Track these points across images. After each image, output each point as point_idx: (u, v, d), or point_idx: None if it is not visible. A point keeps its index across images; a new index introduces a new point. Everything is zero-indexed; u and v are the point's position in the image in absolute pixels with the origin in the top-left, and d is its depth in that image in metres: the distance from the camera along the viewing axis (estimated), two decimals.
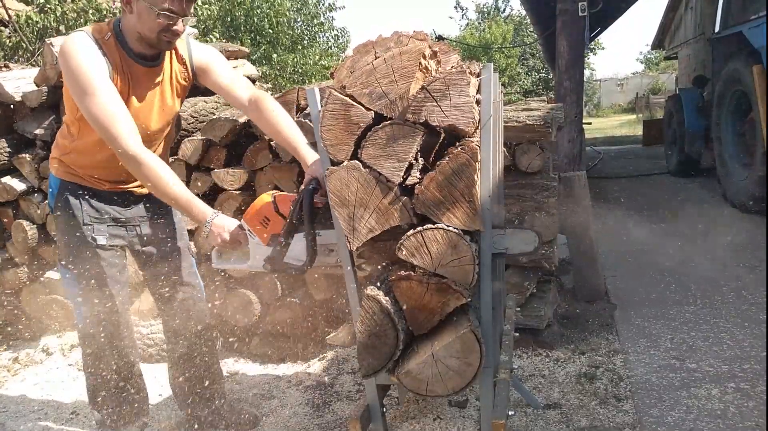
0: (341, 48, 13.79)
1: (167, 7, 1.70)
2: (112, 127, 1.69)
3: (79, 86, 1.69)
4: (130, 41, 1.80)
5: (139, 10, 1.72)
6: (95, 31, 1.79)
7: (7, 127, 3.39)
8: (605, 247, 4.31)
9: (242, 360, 3.03)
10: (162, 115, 1.97)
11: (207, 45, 2.08)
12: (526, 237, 1.60)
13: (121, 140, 1.70)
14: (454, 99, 1.35)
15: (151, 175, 1.73)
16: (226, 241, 1.78)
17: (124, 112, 1.73)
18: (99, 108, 1.69)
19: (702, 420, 2.11)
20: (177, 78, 1.97)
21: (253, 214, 1.77)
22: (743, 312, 3.01)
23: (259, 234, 1.76)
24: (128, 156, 1.71)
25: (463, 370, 1.46)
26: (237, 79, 2.02)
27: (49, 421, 2.59)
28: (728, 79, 5.28)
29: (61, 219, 2.00)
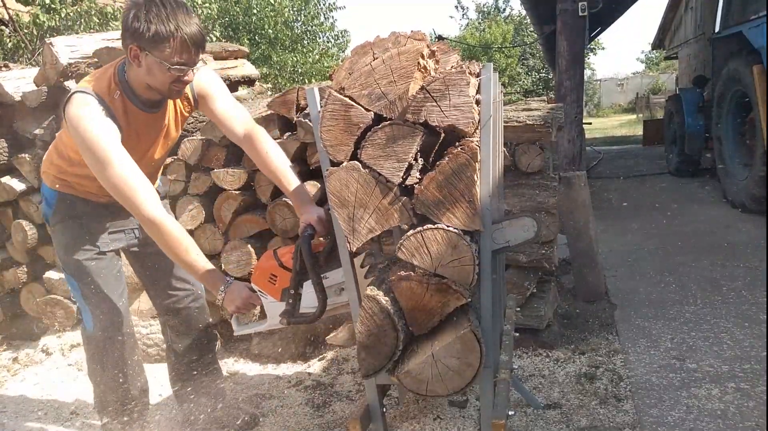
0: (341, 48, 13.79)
1: (178, 61, 1.67)
2: (132, 197, 1.70)
3: (94, 158, 1.69)
4: (136, 90, 1.79)
5: (148, 64, 1.69)
6: (102, 92, 1.76)
7: (6, 127, 3.39)
8: (605, 247, 4.32)
9: (242, 360, 3.03)
10: (165, 147, 2.01)
11: (209, 71, 2.02)
12: (524, 224, 1.57)
13: (141, 209, 1.70)
14: (453, 99, 1.35)
15: (171, 243, 1.74)
16: (240, 307, 1.81)
17: (141, 178, 1.73)
18: (117, 179, 1.69)
19: (702, 420, 2.11)
20: (181, 111, 1.98)
21: (259, 274, 1.79)
22: (743, 312, 3.01)
23: (270, 292, 1.78)
24: (149, 223, 1.72)
25: (463, 370, 1.46)
26: (235, 112, 1.97)
27: (49, 421, 2.59)
28: (728, 79, 5.28)
29: (59, 230, 2.01)
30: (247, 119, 1.98)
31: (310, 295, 1.71)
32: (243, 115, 1.99)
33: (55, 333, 3.39)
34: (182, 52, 1.66)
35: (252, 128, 1.95)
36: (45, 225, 3.28)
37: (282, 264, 1.76)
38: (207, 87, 1.95)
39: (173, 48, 1.65)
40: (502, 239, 1.57)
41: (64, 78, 3.17)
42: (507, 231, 1.57)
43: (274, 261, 1.77)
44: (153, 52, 1.65)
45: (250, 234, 3.08)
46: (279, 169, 1.90)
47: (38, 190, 3.38)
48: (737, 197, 5.13)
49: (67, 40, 3.39)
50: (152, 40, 1.63)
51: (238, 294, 1.80)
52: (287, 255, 1.76)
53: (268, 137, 1.95)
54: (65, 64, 3.14)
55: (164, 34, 1.62)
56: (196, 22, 1.68)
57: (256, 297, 1.81)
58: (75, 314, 3.35)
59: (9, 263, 3.51)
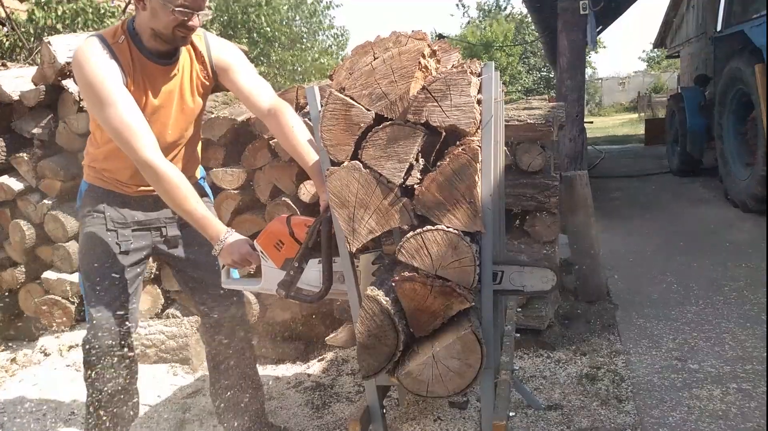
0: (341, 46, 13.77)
1: (181, 3, 1.65)
2: (130, 137, 1.67)
3: (95, 97, 1.67)
4: (144, 39, 1.76)
5: (152, 6, 1.67)
6: (108, 35, 1.74)
7: (4, 126, 3.38)
8: (607, 247, 4.30)
9: None
10: (182, 115, 1.92)
11: (228, 43, 1.97)
12: (543, 276, 1.56)
13: (138, 150, 1.67)
14: (455, 99, 1.34)
15: (168, 187, 1.70)
16: (236, 261, 1.76)
17: (141, 121, 1.70)
18: (115, 119, 1.66)
19: (704, 420, 2.10)
20: (198, 76, 1.91)
21: (266, 236, 1.75)
22: (745, 313, 3.00)
23: (273, 257, 1.74)
24: (146, 166, 1.68)
25: (464, 371, 1.45)
26: (259, 85, 1.93)
27: (47, 422, 2.58)
28: (730, 78, 5.26)
29: (85, 223, 1.98)
30: (272, 93, 1.94)
31: (311, 273, 1.67)
32: (267, 88, 1.94)
33: (53, 333, 3.38)
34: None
35: (277, 102, 1.90)
36: (43, 225, 3.30)
37: (292, 233, 1.71)
38: (227, 59, 1.90)
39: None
40: (519, 283, 1.56)
41: (62, 77, 3.16)
42: (526, 276, 1.56)
43: (286, 229, 1.72)
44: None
45: (249, 234, 3.05)
46: (302, 144, 1.85)
47: (36, 189, 3.37)
48: (739, 196, 5.12)
49: (64, 39, 3.38)
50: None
51: (237, 248, 1.75)
52: (300, 227, 1.71)
53: (293, 113, 1.90)
54: (63, 62, 3.13)
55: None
56: None
57: (255, 256, 1.76)
58: (73, 314, 3.34)
59: (7, 263, 3.50)
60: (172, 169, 1.72)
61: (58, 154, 3.31)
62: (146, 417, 2.53)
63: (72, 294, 3.30)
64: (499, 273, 1.57)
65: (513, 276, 1.56)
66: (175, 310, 3.24)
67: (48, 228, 3.30)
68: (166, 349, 3.00)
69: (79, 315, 3.37)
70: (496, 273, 1.56)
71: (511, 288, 1.58)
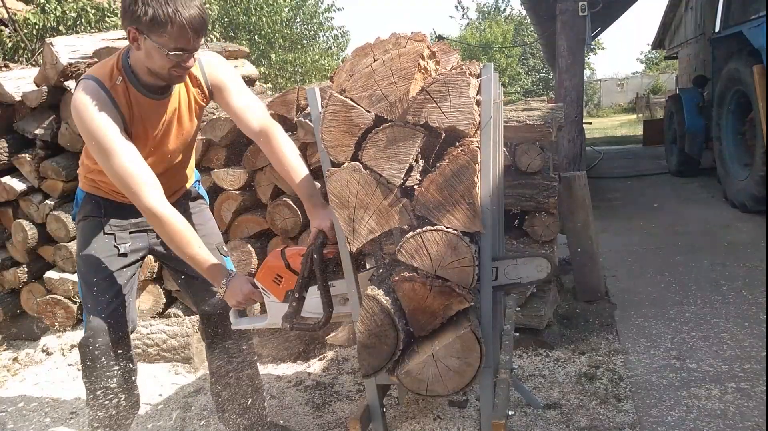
0: (341, 47, 13.78)
1: (176, 47, 1.62)
2: (134, 186, 1.69)
3: (97, 147, 1.68)
4: (140, 75, 1.76)
5: (147, 48, 1.64)
6: (105, 78, 1.73)
7: (7, 126, 3.39)
8: (605, 247, 4.32)
9: None
10: (180, 137, 1.95)
11: (221, 61, 1.96)
12: (538, 265, 1.59)
13: (142, 199, 1.69)
14: (454, 100, 1.35)
15: (172, 234, 1.73)
16: (240, 302, 1.80)
17: (144, 168, 1.71)
18: (118, 168, 1.68)
19: (702, 420, 2.11)
20: (195, 100, 1.93)
21: (264, 273, 1.78)
22: (743, 312, 3.01)
23: (274, 291, 1.77)
24: (150, 214, 1.71)
25: (463, 370, 1.46)
26: (251, 106, 1.91)
27: (49, 421, 2.59)
28: (728, 78, 5.27)
29: (80, 227, 2.00)
30: (263, 114, 1.94)
31: (314, 300, 1.70)
32: (259, 109, 1.94)
33: (55, 333, 3.39)
34: (180, 38, 1.60)
35: (268, 124, 1.90)
36: (45, 225, 3.32)
37: (289, 266, 1.75)
38: (222, 78, 1.90)
39: (171, 33, 1.59)
40: (515, 275, 1.58)
41: (64, 78, 3.18)
42: (520, 268, 1.58)
43: (281, 262, 1.76)
44: (151, 36, 1.60)
45: (250, 235, 3.08)
46: (293, 168, 1.86)
47: (38, 189, 3.38)
48: (737, 197, 5.13)
49: (67, 40, 3.40)
50: (150, 25, 1.57)
51: (240, 288, 1.78)
52: (295, 258, 1.75)
53: (284, 134, 1.91)
54: (65, 63, 3.14)
55: (162, 19, 1.56)
56: (197, 5, 1.61)
57: (258, 294, 1.79)
58: (75, 314, 3.35)
59: (9, 263, 3.52)
60: (175, 215, 1.74)
61: (61, 155, 3.33)
62: (148, 416, 2.54)
63: (74, 294, 3.31)
64: (494, 269, 1.58)
65: (508, 270, 1.58)
66: (177, 309, 3.25)
67: (50, 228, 3.32)
68: (167, 348, 3.01)
69: (80, 314, 3.38)
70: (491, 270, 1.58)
71: (507, 282, 1.60)
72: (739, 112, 5.33)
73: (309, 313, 1.74)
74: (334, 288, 1.70)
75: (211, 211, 2.30)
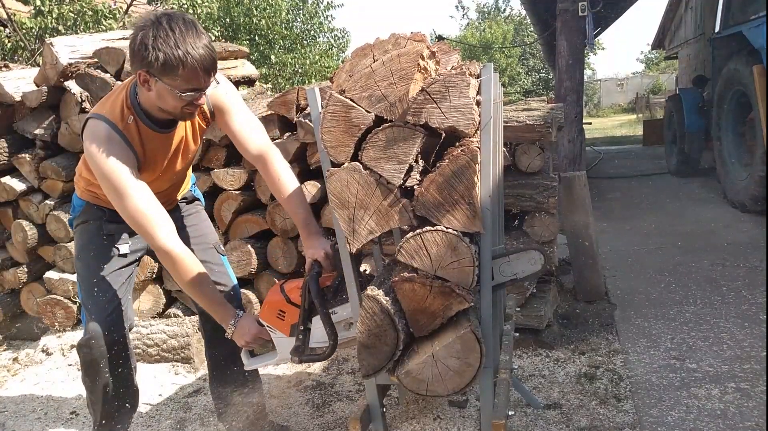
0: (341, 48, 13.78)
1: (188, 87, 1.62)
2: (147, 226, 1.71)
3: (110, 188, 1.70)
4: (149, 112, 1.77)
5: (159, 90, 1.64)
6: (116, 119, 1.73)
7: (6, 127, 3.39)
8: (605, 247, 4.32)
9: None
10: (185, 160, 1.99)
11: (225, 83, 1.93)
12: (531, 257, 1.59)
13: (156, 239, 1.71)
14: (454, 100, 1.35)
15: (183, 273, 1.75)
16: (249, 342, 1.82)
17: (157, 209, 1.73)
18: (132, 210, 1.70)
19: (702, 420, 2.11)
20: (198, 125, 1.95)
21: (267, 311, 1.81)
22: (743, 312, 3.01)
23: (279, 328, 1.79)
24: (163, 253, 1.73)
25: (463, 370, 1.46)
26: (251, 129, 1.93)
27: (49, 421, 2.59)
28: (728, 79, 5.28)
29: (78, 231, 2.02)
30: (262, 139, 1.94)
31: (320, 330, 1.72)
32: (258, 133, 1.94)
33: (55, 333, 3.40)
34: (193, 79, 1.61)
35: (266, 149, 1.92)
36: (45, 225, 3.32)
37: (289, 300, 1.77)
38: (224, 100, 1.90)
39: (183, 76, 1.59)
40: (510, 272, 1.58)
41: (64, 78, 3.18)
42: (514, 264, 1.59)
43: (282, 297, 1.78)
44: (163, 79, 1.60)
45: (250, 234, 3.09)
46: (289, 196, 1.89)
47: (38, 190, 3.38)
48: (737, 197, 5.13)
49: (67, 40, 3.40)
50: (161, 69, 1.57)
51: (248, 329, 1.81)
52: (294, 291, 1.77)
53: (282, 160, 1.92)
54: (65, 64, 3.14)
55: (173, 63, 1.56)
56: (206, 43, 1.61)
57: (265, 332, 1.82)
58: (75, 314, 3.35)
59: (9, 263, 3.52)
60: (186, 255, 1.76)
61: (61, 155, 3.33)
62: (148, 416, 2.54)
63: (74, 294, 3.31)
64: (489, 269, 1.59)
65: (503, 267, 1.58)
66: (177, 309, 3.25)
67: (50, 228, 3.32)
68: (167, 348, 3.01)
69: (80, 314, 3.38)
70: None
71: (504, 279, 1.60)
72: (739, 112, 5.33)
73: (317, 343, 1.75)
74: (336, 314, 1.72)
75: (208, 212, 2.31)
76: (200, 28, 1.63)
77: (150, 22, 1.57)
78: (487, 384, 1.59)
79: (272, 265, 3.10)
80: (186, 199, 2.19)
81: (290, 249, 3.02)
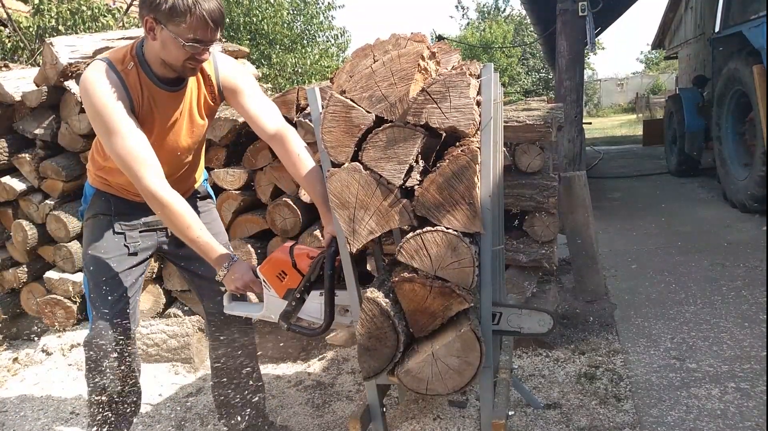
0: (341, 48, 13.78)
1: (193, 37, 1.61)
2: (135, 167, 1.68)
3: (101, 125, 1.68)
4: (153, 66, 1.75)
5: (163, 38, 1.63)
6: (117, 61, 1.73)
7: (6, 126, 3.39)
8: (605, 247, 4.32)
9: None
10: (191, 135, 1.95)
11: (237, 65, 1.95)
12: (541, 319, 1.61)
13: (143, 180, 1.69)
14: (454, 101, 1.35)
15: (172, 216, 1.73)
16: (239, 287, 1.80)
17: (147, 150, 1.71)
18: (121, 148, 1.68)
19: (702, 419, 2.11)
20: (205, 99, 1.93)
21: (269, 266, 1.78)
22: (743, 312, 3.01)
23: (275, 286, 1.77)
24: (150, 195, 1.71)
25: (463, 369, 1.46)
26: (266, 109, 1.91)
27: (49, 421, 2.59)
28: (728, 78, 5.28)
29: (88, 225, 2.00)
30: (278, 118, 1.93)
31: (312, 305, 1.71)
32: (274, 112, 1.93)
33: (55, 333, 3.39)
34: (198, 29, 1.59)
35: (283, 128, 1.90)
36: (45, 225, 3.31)
37: (295, 265, 1.74)
38: (235, 80, 1.89)
39: (189, 24, 1.58)
40: (516, 325, 1.60)
41: (64, 78, 3.17)
42: (523, 319, 1.60)
43: (289, 260, 1.75)
44: (168, 26, 1.59)
45: (250, 234, 3.08)
46: (308, 173, 1.86)
47: (38, 189, 3.38)
48: (737, 197, 5.14)
49: (67, 40, 3.39)
50: (168, 14, 1.57)
51: (240, 274, 1.79)
52: (303, 258, 1.74)
53: (299, 139, 1.90)
54: (65, 64, 3.14)
55: (181, 9, 1.55)
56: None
57: (258, 284, 1.79)
58: (75, 314, 3.35)
59: (9, 263, 3.52)
60: (176, 197, 1.74)
61: (61, 155, 3.32)
62: (148, 416, 2.54)
63: (74, 294, 3.31)
64: (498, 314, 1.61)
65: (511, 317, 1.60)
66: (177, 309, 3.25)
67: (50, 228, 3.31)
68: (167, 348, 3.01)
69: (81, 314, 3.38)
70: (495, 314, 1.60)
71: (508, 329, 1.63)
72: (739, 112, 5.33)
73: (306, 316, 1.74)
74: (338, 297, 1.70)
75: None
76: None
77: None
78: (487, 384, 1.59)
79: None
80: (200, 193, 2.18)
81: None
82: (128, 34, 3.72)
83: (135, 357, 2.04)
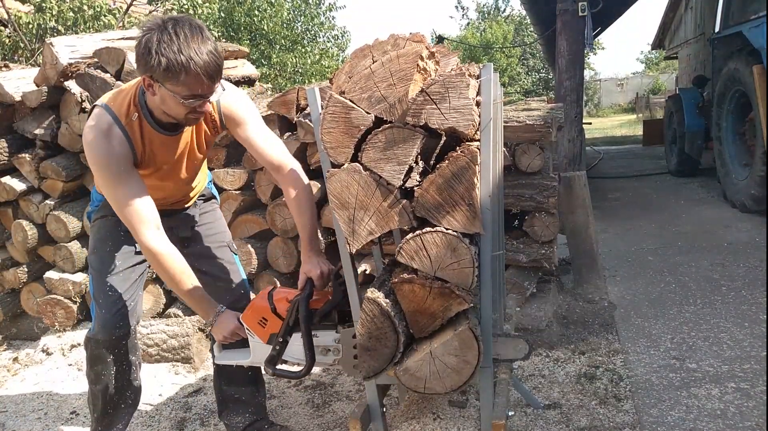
0: (341, 48, 13.78)
1: (191, 94, 1.61)
2: (133, 221, 1.73)
3: (103, 179, 1.73)
4: (155, 114, 1.76)
5: (162, 95, 1.64)
6: (120, 113, 1.74)
7: (6, 127, 3.39)
8: (605, 247, 4.32)
9: None
10: (192, 166, 1.98)
11: (239, 95, 1.93)
12: (516, 345, 1.65)
13: (140, 235, 1.73)
14: (453, 101, 1.35)
15: (168, 270, 1.77)
16: (227, 336, 1.86)
17: (145, 205, 1.74)
18: (122, 201, 1.71)
19: (702, 419, 2.11)
20: (205, 133, 1.94)
21: (251, 314, 1.82)
22: (743, 312, 3.01)
23: (258, 333, 1.81)
24: (147, 249, 1.75)
25: (461, 368, 1.47)
26: (270, 142, 1.92)
27: (49, 421, 2.59)
28: (728, 78, 5.28)
29: (96, 226, 2.03)
30: (282, 150, 1.94)
31: (297, 346, 1.74)
32: (277, 145, 1.94)
33: (55, 333, 3.39)
34: (195, 85, 1.59)
35: (285, 162, 1.91)
36: (45, 225, 3.32)
37: (275, 310, 1.79)
38: (236, 111, 1.88)
39: (185, 82, 1.57)
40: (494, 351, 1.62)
41: (64, 78, 3.18)
42: (499, 347, 1.64)
43: (268, 305, 1.80)
44: (165, 84, 1.59)
45: (250, 234, 3.09)
46: (301, 210, 1.90)
47: (38, 189, 3.38)
48: (737, 197, 5.14)
49: (67, 40, 3.40)
50: (164, 74, 1.56)
51: (226, 325, 1.84)
52: (282, 303, 1.78)
53: (301, 175, 1.92)
54: (65, 64, 3.14)
55: (176, 68, 1.54)
56: (210, 49, 1.58)
57: (243, 331, 1.84)
58: (75, 314, 3.35)
59: (9, 263, 3.52)
60: (171, 253, 1.78)
61: (61, 155, 3.33)
62: (148, 416, 2.55)
63: (74, 294, 3.32)
64: None
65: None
66: (177, 309, 3.25)
67: (50, 228, 3.32)
68: (167, 348, 3.01)
69: (81, 314, 3.39)
70: None
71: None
72: (738, 112, 5.33)
73: (291, 358, 1.78)
74: (317, 338, 1.74)
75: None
76: (207, 33, 1.61)
77: (156, 26, 1.57)
78: (487, 384, 1.59)
79: (272, 265, 3.10)
80: (204, 196, 2.20)
81: (290, 249, 3.02)
82: (128, 34, 3.73)
83: (136, 351, 2.08)
